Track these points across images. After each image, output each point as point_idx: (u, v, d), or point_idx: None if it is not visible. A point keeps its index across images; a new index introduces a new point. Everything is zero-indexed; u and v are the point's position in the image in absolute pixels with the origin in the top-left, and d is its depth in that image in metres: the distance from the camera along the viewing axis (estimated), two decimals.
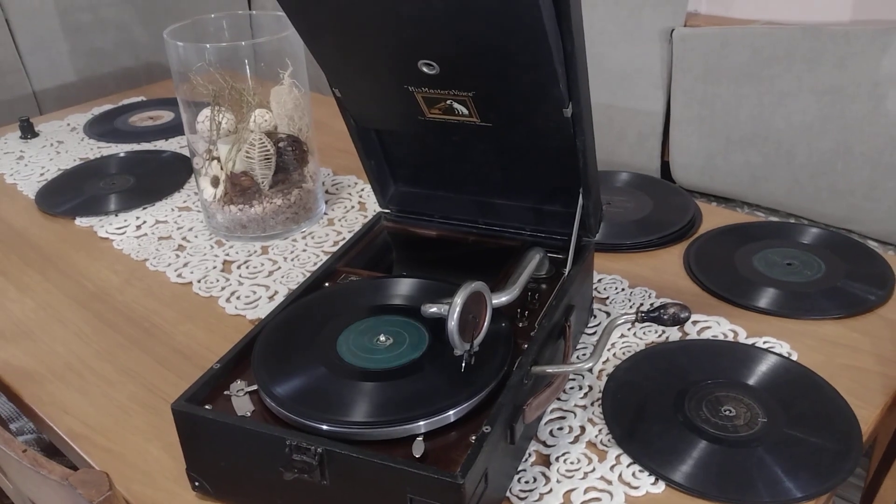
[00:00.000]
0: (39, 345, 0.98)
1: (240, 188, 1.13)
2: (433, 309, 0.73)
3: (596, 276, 1.04)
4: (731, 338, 0.91)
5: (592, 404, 0.83)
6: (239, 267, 1.11)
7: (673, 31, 1.59)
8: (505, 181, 0.93)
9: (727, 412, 0.80)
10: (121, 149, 1.51)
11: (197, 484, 0.74)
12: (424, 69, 0.77)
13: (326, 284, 0.88)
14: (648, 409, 0.81)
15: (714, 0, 1.68)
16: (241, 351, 0.77)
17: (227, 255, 1.14)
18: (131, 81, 2.21)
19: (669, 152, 1.68)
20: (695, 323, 0.94)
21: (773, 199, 1.57)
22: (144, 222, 1.24)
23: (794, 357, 0.87)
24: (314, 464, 0.65)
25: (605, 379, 0.85)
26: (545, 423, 0.80)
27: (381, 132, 0.95)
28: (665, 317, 0.77)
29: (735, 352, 0.88)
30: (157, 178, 1.37)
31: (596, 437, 0.79)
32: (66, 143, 1.55)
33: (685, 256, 1.07)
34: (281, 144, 1.15)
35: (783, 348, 0.88)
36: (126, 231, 1.22)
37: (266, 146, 1.12)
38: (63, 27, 2.16)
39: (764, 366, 0.85)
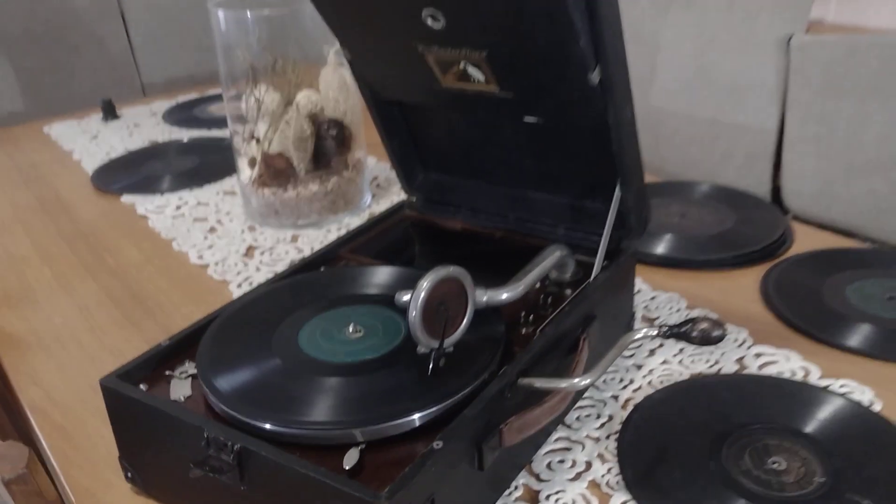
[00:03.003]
0: (39, 313, 0.93)
1: (273, 170, 1.06)
2: (406, 297, 0.62)
3: (650, 293, 0.88)
4: (800, 377, 0.74)
5: (608, 437, 0.68)
6: (262, 253, 1.03)
7: (791, 38, 1.41)
8: (538, 170, 0.80)
9: (775, 465, 0.63)
10: (191, 134, 1.48)
11: (129, 475, 0.65)
12: (430, 21, 0.66)
13: (322, 269, 0.78)
14: (675, 451, 0.65)
15: (844, 6, 1.48)
16: (197, 331, 0.68)
17: (255, 240, 1.06)
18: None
19: (782, 176, 1.49)
20: (758, 356, 0.77)
21: None
22: (186, 203, 1.19)
23: (877, 408, 0.69)
24: (231, 463, 0.55)
25: (630, 409, 0.71)
26: (545, 453, 0.66)
27: (404, 108, 0.84)
28: (693, 333, 0.61)
29: (800, 393, 0.71)
30: (213, 162, 1.32)
31: (602, 476, 0.64)
32: (141, 127, 1.55)
33: (763, 280, 0.90)
34: (323, 127, 1.06)
35: (864, 395, 0.70)
36: (164, 210, 1.17)
37: (302, 126, 1.04)
38: (175, 25, 2.20)
39: (834, 414, 0.68)
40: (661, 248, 0.96)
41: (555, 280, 0.74)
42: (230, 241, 1.06)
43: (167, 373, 0.64)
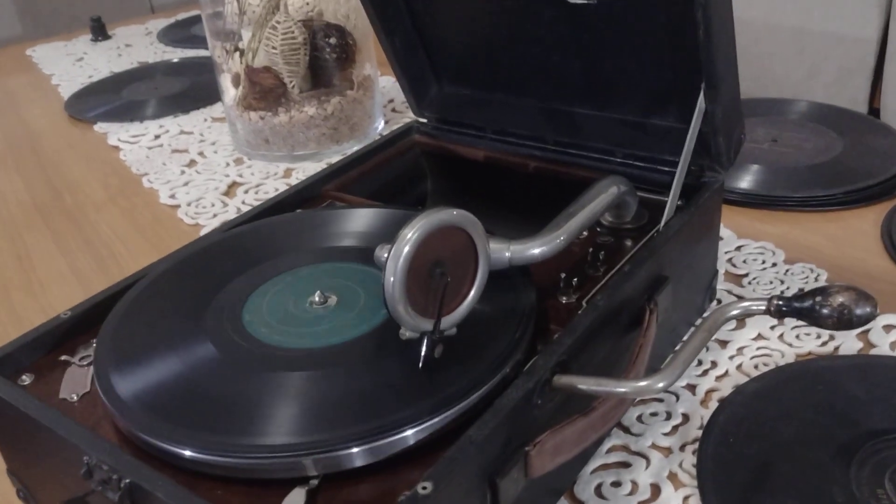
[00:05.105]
0: None
1: (260, 89, 0.86)
2: (387, 254, 0.42)
3: (736, 242, 0.68)
4: None
5: (683, 448, 0.48)
6: (246, 192, 0.84)
7: None
8: (588, 75, 0.59)
9: None
10: (187, 55, 1.29)
11: (21, 494, 0.48)
12: None
13: (299, 211, 0.59)
14: (780, 471, 0.46)
15: None
16: (112, 298, 0.49)
17: (241, 175, 0.87)
18: None
19: (881, 95, 1.24)
20: (888, 328, 0.56)
21: None
22: (167, 131, 1.00)
23: None
24: (117, 501, 0.37)
25: (714, 406, 0.51)
26: (593, 471, 0.47)
27: None
28: (824, 311, 0.40)
29: None
30: (205, 85, 1.12)
31: None
32: (133, 47, 1.36)
33: (885, 223, 0.68)
34: (319, 35, 0.86)
35: None
36: (140, 140, 0.98)
37: (292, 32, 0.83)
38: None
39: None
40: (746, 183, 0.75)
41: (610, 227, 0.54)
42: (210, 177, 0.88)
43: (63, 358, 0.46)
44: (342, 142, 0.90)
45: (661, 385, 0.38)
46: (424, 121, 0.69)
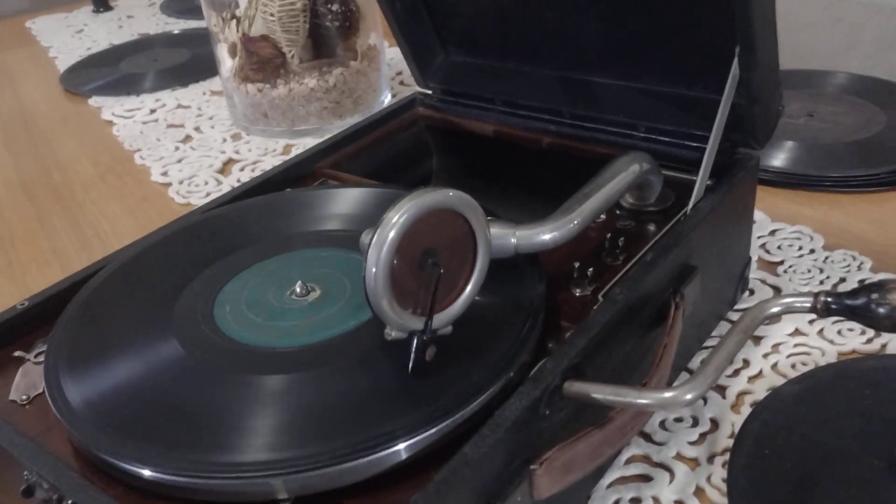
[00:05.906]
0: None
1: (257, 59, 0.81)
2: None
3: (769, 226, 0.62)
4: None
5: (712, 460, 0.43)
6: (242, 169, 0.79)
7: None
8: (609, 43, 0.53)
9: None
10: (191, 26, 1.23)
11: None
12: None
13: (288, 190, 0.54)
14: (824, 488, 0.40)
15: None
16: (73, 287, 0.45)
17: (237, 152, 0.82)
18: None
19: None
20: None
21: None
22: (164, 105, 0.95)
23: None
24: None
25: (746, 412, 0.45)
26: (609, 485, 0.42)
27: None
28: (881, 310, 0.35)
29: None
30: (206, 57, 1.07)
31: None
32: (135, 18, 1.31)
33: None
34: (320, 1, 0.80)
35: None
36: (135, 115, 0.94)
37: None
38: None
39: None
40: (779, 161, 0.69)
41: (631, 209, 0.48)
42: (205, 153, 0.83)
43: (17, 353, 0.42)
44: (345, 116, 0.84)
45: (689, 397, 0.33)
46: (429, 92, 0.63)
